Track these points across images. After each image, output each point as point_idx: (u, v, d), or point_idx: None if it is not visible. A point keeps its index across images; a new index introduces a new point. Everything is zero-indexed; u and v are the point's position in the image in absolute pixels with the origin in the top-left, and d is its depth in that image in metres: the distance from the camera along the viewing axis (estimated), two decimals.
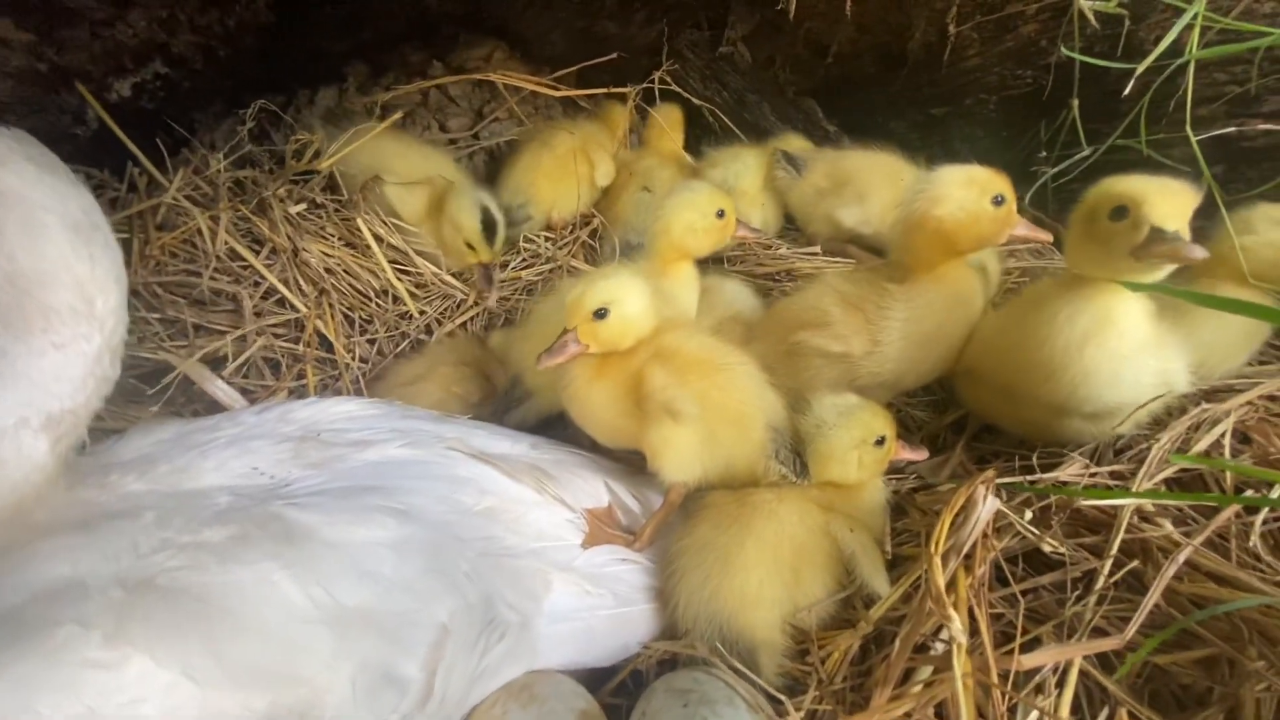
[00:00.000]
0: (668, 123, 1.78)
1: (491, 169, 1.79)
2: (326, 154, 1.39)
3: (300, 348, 1.24)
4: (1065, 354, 0.87)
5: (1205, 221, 1.05)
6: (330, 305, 1.32)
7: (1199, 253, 0.79)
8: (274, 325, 1.25)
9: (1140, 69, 0.98)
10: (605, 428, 0.98)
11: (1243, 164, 1.27)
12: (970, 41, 1.59)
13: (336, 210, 1.41)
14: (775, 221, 1.64)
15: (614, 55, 1.72)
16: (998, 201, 0.99)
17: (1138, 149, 1.33)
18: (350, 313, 1.36)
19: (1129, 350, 0.87)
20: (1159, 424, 0.98)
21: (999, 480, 0.95)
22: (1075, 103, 1.37)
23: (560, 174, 1.60)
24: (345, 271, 1.36)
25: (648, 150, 1.77)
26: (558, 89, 1.66)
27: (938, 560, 0.67)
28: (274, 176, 1.42)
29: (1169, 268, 0.83)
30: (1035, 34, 1.48)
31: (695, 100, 1.86)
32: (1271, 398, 0.94)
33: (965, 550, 0.74)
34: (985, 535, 0.75)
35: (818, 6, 1.79)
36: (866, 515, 0.95)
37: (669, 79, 1.77)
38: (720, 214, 1.15)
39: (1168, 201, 0.81)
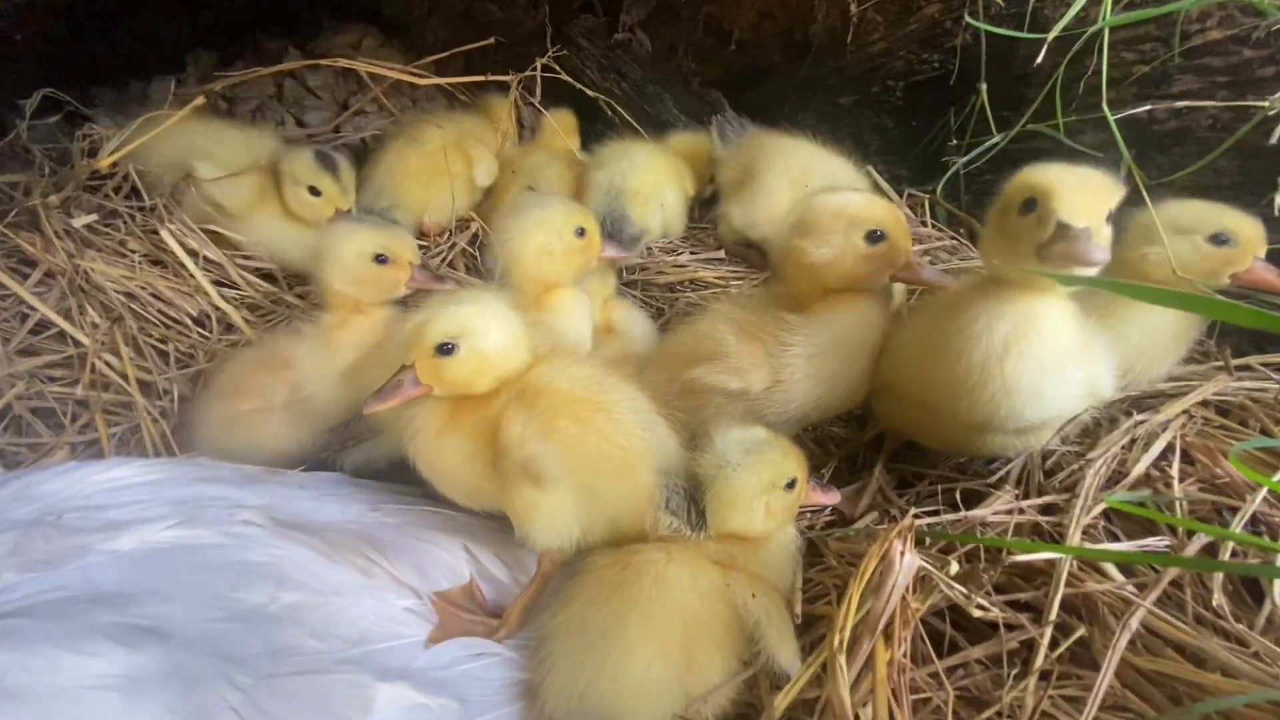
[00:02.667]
0: (562, 125, 1.59)
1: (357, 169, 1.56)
2: (105, 150, 1.13)
3: (80, 391, 0.98)
4: (984, 367, 0.74)
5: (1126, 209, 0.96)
6: (130, 337, 1.07)
7: (1098, 255, 0.67)
8: (46, 366, 1.00)
9: (1054, 33, 0.88)
10: (461, 489, 0.79)
11: (1153, 149, 1.20)
12: (874, 25, 1.49)
13: (143, 221, 1.16)
14: (678, 223, 1.48)
15: (491, 40, 1.52)
16: (874, 238, 0.86)
17: (1051, 136, 1.24)
18: (162, 345, 1.12)
19: (1053, 361, 0.75)
20: (1088, 434, 0.88)
21: (919, 517, 0.82)
22: (983, 87, 1.28)
23: (432, 173, 1.40)
24: (154, 296, 1.11)
25: (536, 146, 1.59)
26: (424, 77, 1.45)
27: (841, 663, 0.51)
28: (55, 181, 1.15)
29: (1087, 270, 0.71)
30: (939, 14, 1.38)
31: (591, 92, 1.69)
32: (1204, 404, 0.85)
33: (883, 622, 0.60)
34: (905, 600, 0.61)
35: None
36: (774, 570, 0.79)
37: (559, 68, 1.59)
38: (580, 232, 0.98)
39: (1078, 194, 0.70)
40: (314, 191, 1.20)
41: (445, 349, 0.73)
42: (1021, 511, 0.73)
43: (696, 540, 0.77)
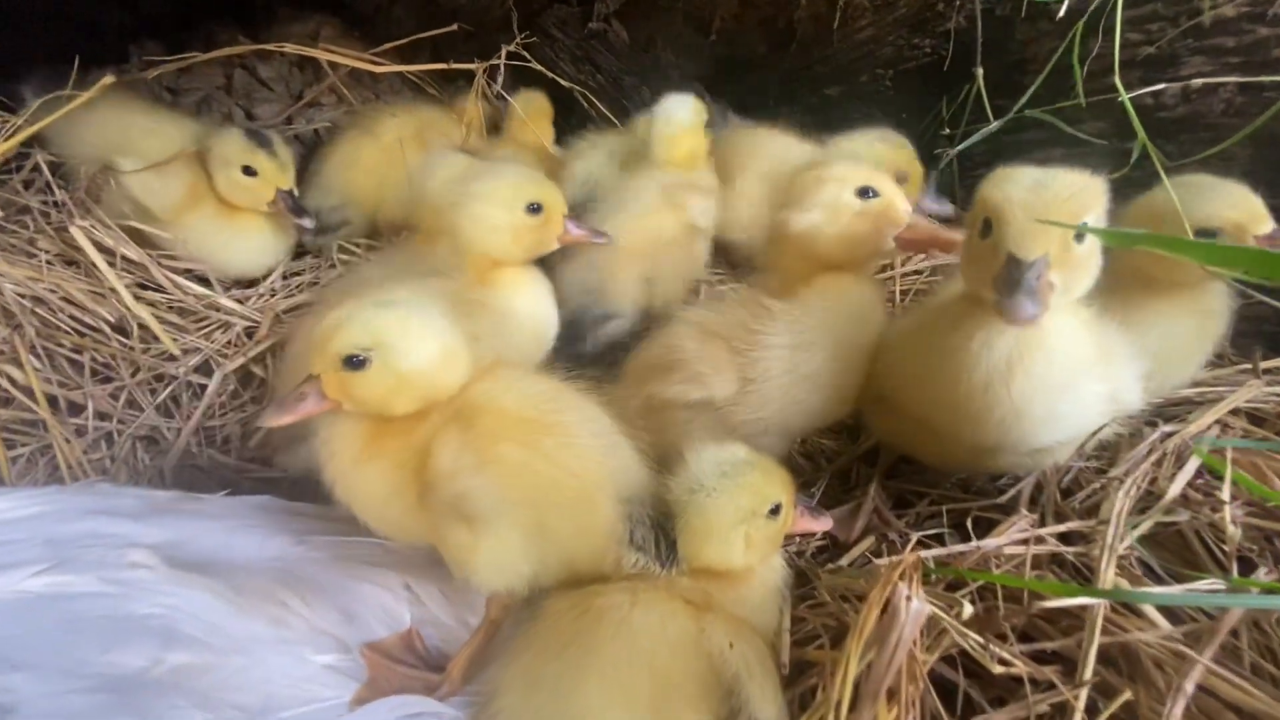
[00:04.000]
0: (533, 111, 1.49)
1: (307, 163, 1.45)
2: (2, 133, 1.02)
3: None
4: (987, 391, 0.65)
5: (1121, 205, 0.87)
6: (38, 346, 0.95)
7: (1030, 311, 0.58)
8: None
9: None
10: (385, 523, 0.68)
11: (1159, 137, 1.11)
12: (861, 10, 1.41)
13: (56, 217, 1.05)
14: None
15: (454, 26, 1.42)
16: (866, 193, 0.77)
17: (1051, 125, 1.16)
18: (76, 355, 1.00)
19: (1066, 377, 0.65)
20: (1107, 448, 0.78)
21: (922, 544, 0.72)
22: (979, 71, 1.19)
23: (387, 168, 1.29)
24: (65, 300, 0.99)
25: (505, 140, 1.48)
26: (380, 64, 1.34)
27: None
28: None
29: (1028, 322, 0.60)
30: None
31: (564, 82, 1.59)
32: (1236, 412, 0.76)
33: (887, 682, 0.50)
34: (912, 653, 0.51)
35: None
36: (757, 609, 0.69)
37: (529, 56, 1.49)
38: (534, 209, 0.86)
39: (1033, 214, 0.59)
40: (248, 171, 1.10)
41: (354, 362, 0.62)
42: (1040, 540, 0.63)
43: (667, 578, 0.67)
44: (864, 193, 0.77)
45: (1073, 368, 0.65)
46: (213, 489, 1.01)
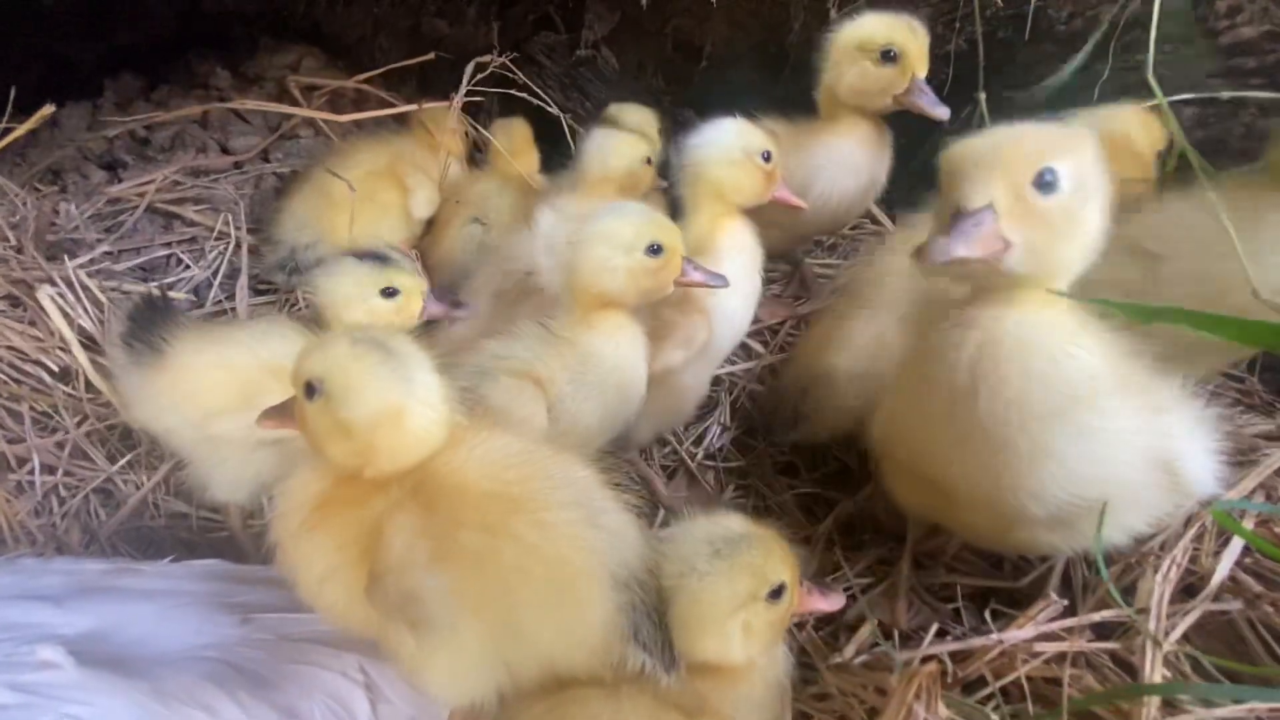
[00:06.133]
0: (514, 139, 1.44)
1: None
2: None
3: None
4: (953, 415, 0.53)
5: None
6: None
7: (939, 247, 0.49)
8: None
9: None
10: (329, 609, 0.60)
11: None
12: None
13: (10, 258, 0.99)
14: None
15: (431, 55, 1.38)
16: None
17: None
18: (14, 404, 0.93)
19: (1054, 398, 0.51)
20: None
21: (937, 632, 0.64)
22: (982, 96, 1.14)
23: (361, 202, 1.23)
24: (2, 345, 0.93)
25: (487, 172, 1.42)
26: (337, 117, 1.29)
27: None
28: None
29: None
30: (929, 19, 1.25)
31: (551, 110, 1.54)
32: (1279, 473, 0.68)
33: None
34: None
35: (682, 1, 1.53)
36: (756, 709, 0.61)
37: (513, 77, 1.44)
38: (654, 250, 0.79)
39: (977, 161, 0.51)
40: (389, 293, 0.90)
41: (310, 390, 0.57)
42: (1072, 631, 0.55)
43: (654, 679, 0.58)
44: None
45: (1062, 387, 0.51)
46: (170, 549, 0.95)
